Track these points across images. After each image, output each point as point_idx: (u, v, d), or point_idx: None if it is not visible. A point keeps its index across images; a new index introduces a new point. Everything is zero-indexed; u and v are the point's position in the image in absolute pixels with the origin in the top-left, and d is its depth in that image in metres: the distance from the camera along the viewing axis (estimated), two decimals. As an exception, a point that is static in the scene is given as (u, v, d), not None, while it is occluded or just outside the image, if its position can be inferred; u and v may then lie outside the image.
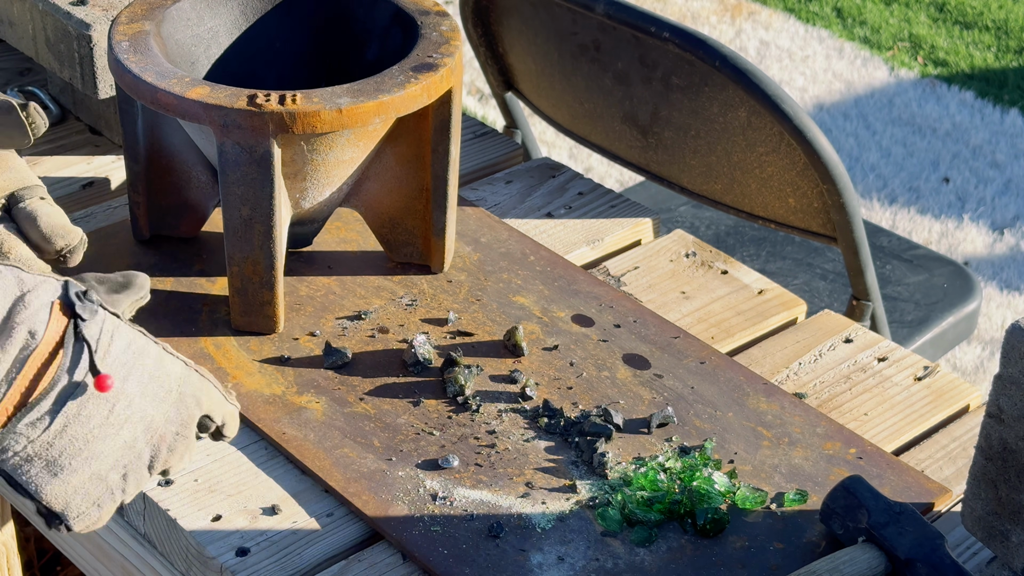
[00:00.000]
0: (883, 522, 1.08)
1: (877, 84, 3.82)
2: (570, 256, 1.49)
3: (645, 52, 1.67)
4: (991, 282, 3.03)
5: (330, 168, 1.28)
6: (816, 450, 1.22)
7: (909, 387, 1.32)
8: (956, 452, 1.26)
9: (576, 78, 1.81)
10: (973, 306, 2.00)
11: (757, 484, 1.18)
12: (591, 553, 1.11)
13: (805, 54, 3.95)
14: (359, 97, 1.22)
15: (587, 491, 1.16)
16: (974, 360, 2.80)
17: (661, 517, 1.14)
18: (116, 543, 1.23)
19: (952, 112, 3.67)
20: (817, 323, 1.41)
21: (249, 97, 1.20)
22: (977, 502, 1.09)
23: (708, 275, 1.47)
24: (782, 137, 1.61)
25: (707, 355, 1.33)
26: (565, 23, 1.74)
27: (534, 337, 1.34)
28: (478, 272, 1.42)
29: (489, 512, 1.14)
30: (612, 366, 1.31)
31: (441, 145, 1.33)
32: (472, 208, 1.52)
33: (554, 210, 1.57)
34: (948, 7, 4.18)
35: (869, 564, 1.07)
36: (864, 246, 1.69)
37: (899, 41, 4.02)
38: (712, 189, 1.77)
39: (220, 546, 1.11)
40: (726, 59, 1.59)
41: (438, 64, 1.27)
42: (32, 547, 1.95)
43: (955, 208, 3.28)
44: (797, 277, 2.03)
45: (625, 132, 1.81)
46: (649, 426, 1.23)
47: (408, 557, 1.11)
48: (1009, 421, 1.04)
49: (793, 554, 1.12)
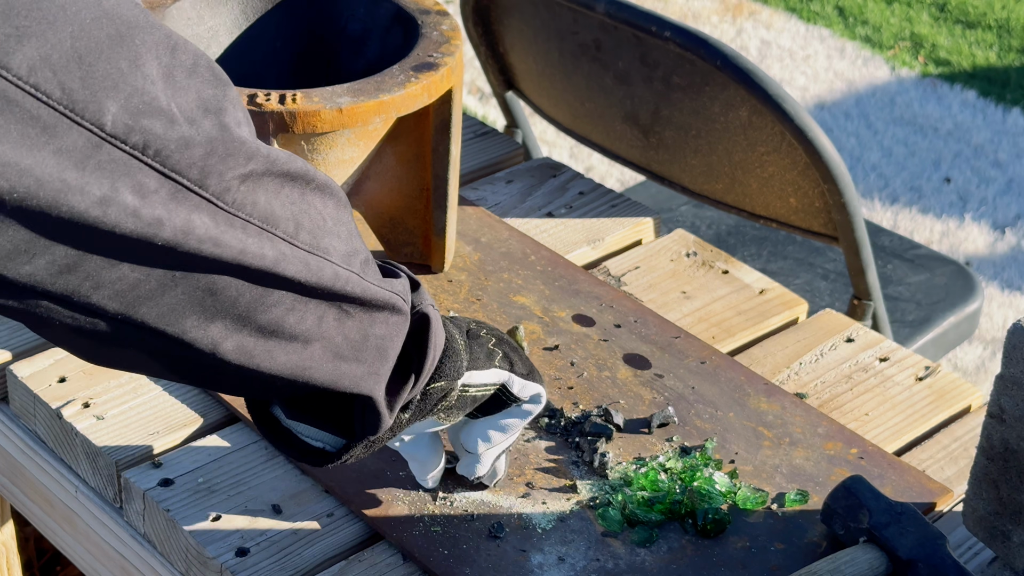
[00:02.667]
0: (884, 522, 1.08)
1: (878, 83, 3.82)
2: (571, 256, 1.49)
3: (646, 51, 1.67)
4: (993, 282, 3.03)
5: (330, 168, 1.28)
6: (817, 450, 1.22)
7: (910, 387, 1.32)
8: (957, 452, 1.25)
9: (577, 77, 1.81)
10: (975, 306, 2.00)
11: (758, 484, 1.18)
12: (592, 553, 1.11)
13: (806, 53, 3.95)
14: (359, 96, 1.22)
15: (588, 491, 1.16)
16: (975, 360, 2.80)
17: (662, 517, 1.14)
18: (115, 543, 1.22)
19: (954, 111, 3.67)
20: (818, 323, 1.41)
21: (249, 96, 1.20)
22: (978, 502, 1.09)
23: (709, 275, 1.47)
24: (783, 137, 1.61)
25: (708, 355, 1.33)
26: (566, 22, 1.74)
27: (535, 337, 1.34)
28: (479, 272, 1.42)
29: (489, 512, 1.14)
30: (613, 366, 1.30)
31: (442, 145, 1.33)
32: (473, 208, 1.52)
33: (555, 210, 1.57)
34: (950, 6, 4.18)
35: (870, 564, 1.07)
36: (865, 246, 1.69)
37: (900, 40, 4.02)
38: (713, 189, 1.76)
39: (220, 546, 1.10)
40: (727, 58, 1.59)
41: (439, 63, 1.27)
42: (32, 547, 1.95)
43: (957, 208, 3.28)
44: (798, 277, 2.03)
45: (626, 132, 1.80)
46: (650, 426, 1.23)
47: (408, 557, 1.11)
48: (1011, 421, 1.04)
49: (794, 554, 1.12)
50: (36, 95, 0.68)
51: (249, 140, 0.80)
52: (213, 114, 0.78)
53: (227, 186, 0.78)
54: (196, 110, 0.77)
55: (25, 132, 0.68)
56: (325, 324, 0.89)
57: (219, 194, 0.78)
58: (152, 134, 0.74)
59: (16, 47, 0.67)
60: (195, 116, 0.77)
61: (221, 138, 0.78)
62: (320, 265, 0.86)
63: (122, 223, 0.73)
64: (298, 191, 0.85)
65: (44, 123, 0.69)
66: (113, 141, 0.72)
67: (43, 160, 0.69)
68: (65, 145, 0.70)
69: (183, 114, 0.76)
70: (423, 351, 0.96)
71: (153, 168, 0.74)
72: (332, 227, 0.88)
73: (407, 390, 0.96)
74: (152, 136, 0.74)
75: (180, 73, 0.78)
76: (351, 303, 0.90)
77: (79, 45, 0.71)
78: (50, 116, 0.69)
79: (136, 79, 0.74)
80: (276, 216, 0.82)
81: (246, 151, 0.80)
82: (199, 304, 0.81)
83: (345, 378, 0.92)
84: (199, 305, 0.81)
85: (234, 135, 0.79)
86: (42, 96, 0.69)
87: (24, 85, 0.68)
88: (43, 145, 0.69)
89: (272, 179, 0.82)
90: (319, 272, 0.86)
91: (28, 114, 0.68)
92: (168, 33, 0.78)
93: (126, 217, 0.73)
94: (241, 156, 0.79)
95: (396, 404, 0.96)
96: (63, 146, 0.70)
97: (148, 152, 0.74)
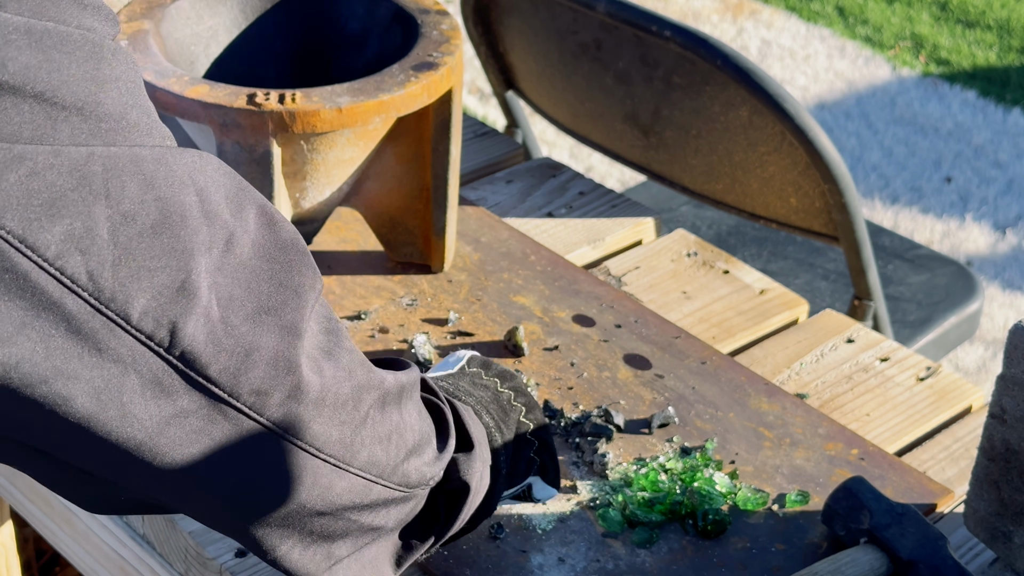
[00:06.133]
0: (885, 523, 1.08)
1: (879, 83, 3.81)
2: (571, 256, 1.49)
3: (646, 51, 1.67)
4: (993, 282, 3.03)
5: (330, 168, 1.28)
6: (818, 451, 1.22)
7: (911, 387, 1.32)
8: (958, 453, 1.25)
9: (577, 77, 1.81)
10: (975, 306, 1.99)
11: (759, 485, 1.18)
12: (592, 554, 1.10)
13: (807, 53, 3.95)
14: (359, 96, 1.21)
15: (588, 492, 1.16)
16: (976, 360, 2.79)
17: (662, 518, 1.13)
18: (115, 544, 1.22)
19: (954, 111, 3.67)
20: (819, 323, 1.41)
21: (248, 96, 1.20)
22: (979, 503, 1.09)
23: (709, 275, 1.47)
24: (784, 136, 1.61)
25: (708, 355, 1.32)
26: (566, 22, 1.74)
27: (535, 337, 1.33)
28: (478, 272, 1.42)
29: (489, 513, 1.13)
30: (613, 366, 1.30)
31: (441, 144, 1.32)
32: (472, 208, 1.52)
33: (555, 210, 1.57)
34: (950, 6, 4.17)
35: (871, 565, 1.07)
36: (866, 246, 1.68)
37: (901, 40, 4.02)
38: (713, 189, 1.76)
39: (219, 547, 1.10)
40: (727, 58, 1.58)
41: (438, 63, 1.27)
42: (31, 548, 1.95)
43: (957, 208, 3.28)
44: (799, 277, 2.03)
45: (626, 131, 1.80)
46: (650, 426, 1.23)
47: (408, 558, 1.11)
48: (1012, 422, 1.04)
49: (795, 555, 1.11)
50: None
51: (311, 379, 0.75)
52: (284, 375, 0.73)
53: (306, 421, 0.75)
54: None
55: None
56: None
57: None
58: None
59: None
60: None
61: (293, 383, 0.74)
62: (375, 489, 0.84)
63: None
64: (358, 409, 0.80)
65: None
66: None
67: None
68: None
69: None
70: (452, 517, 0.94)
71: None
72: (398, 438, 0.85)
73: (422, 549, 0.94)
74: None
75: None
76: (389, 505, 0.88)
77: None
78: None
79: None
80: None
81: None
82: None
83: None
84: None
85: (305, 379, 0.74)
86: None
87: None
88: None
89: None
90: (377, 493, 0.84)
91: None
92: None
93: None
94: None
95: (407, 559, 0.93)
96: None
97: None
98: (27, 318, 0.62)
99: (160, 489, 0.72)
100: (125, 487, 0.73)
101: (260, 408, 0.72)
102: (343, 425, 0.78)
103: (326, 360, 0.77)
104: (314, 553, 0.82)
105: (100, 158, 0.64)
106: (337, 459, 0.78)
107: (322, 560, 0.83)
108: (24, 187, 0.61)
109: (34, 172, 0.62)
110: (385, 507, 0.86)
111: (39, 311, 0.63)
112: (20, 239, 0.61)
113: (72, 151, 0.63)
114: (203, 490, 0.73)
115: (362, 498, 0.82)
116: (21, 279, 0.62)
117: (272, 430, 0.73)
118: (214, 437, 0.71)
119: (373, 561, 0.89)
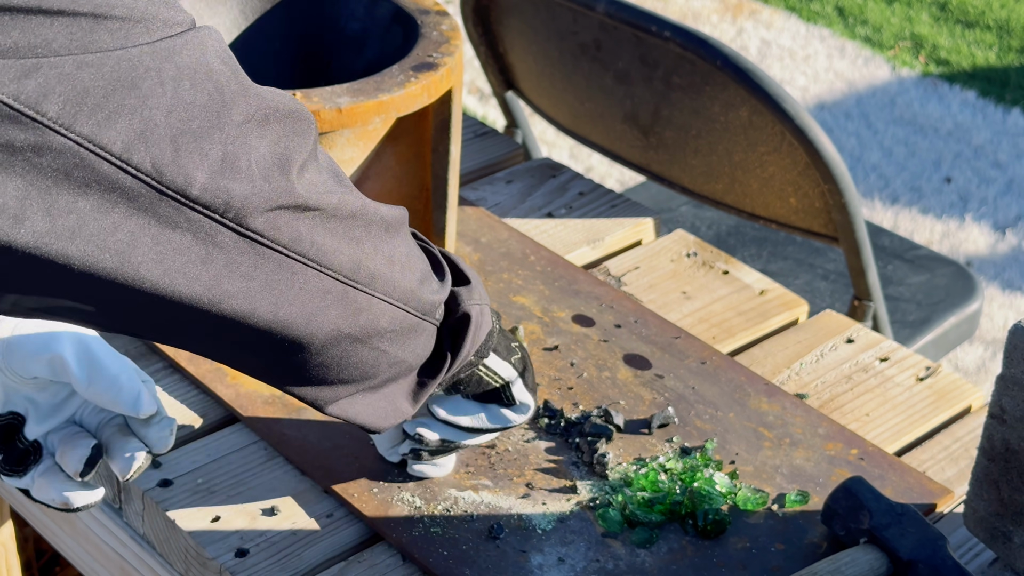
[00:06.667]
0: (885, 523, 1.08)
1: (879, 83, 3.81)
2: (571, 256, 1.49)
3: (646, 51, 1.67)
4: (993, 282, 3.03)
5: (330, 168, 1.28)
6: (818, 451, 1.22)
7: (911, 387, 1.32)
8: (958, 453, 1.25)
9: (577, 77, 1.81)
10: (975, 306, 2.00)
11: (758, 485, 1.18)
12: (592, 554, 1.10)
13: (806, 53, 3.95)
14: (359, 96, 1.21)
15: (588, 492, 1.16)
16: (976, 360, 2.79)
17: (662, 518, 1.13)
18: (115, 544, 1.22)
19: (954, 112, 3.67)
20: (819, 323, 1.41)
21: (248, 96, 1.20)
22: (979, 503, 1.09)
23: (709, 275, 1.47)
24: (783, 137, 1.61)
25: (708, 355, 1.32)
26: (566, 22, 1.74)
27: (534, 337, 1.33)
28: (478, 272, 1.42)
29: (489, 513, 1.13)
30: (613, 366, 1.30)
31: (441, 145, 1.32)
32: (472, 208, 1.52)
33: (555, 210, 1.57)
34: (950, 6, 4.17)
35: (871, 565, 1.07)
36: (866, 246, 1.68)
37: (901, 40, 4.02)
38: (713, 189, 1.76)
39: (219, 547, 1.10)
40: (727, 58, 1.58)
41: (438, 63, 1.27)
42: (31, 547, 1.95)
43: (957, 208, 3.28)
44: (798, 277, 2.03)
45: (626, 132, 1.80)
46: (650, 427, 1.23)
47: (408, 558, 1.11)
48: (1011, 422, 1.04)
49: (794, 555, 1.11)
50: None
51: (307, 187, 0.83)
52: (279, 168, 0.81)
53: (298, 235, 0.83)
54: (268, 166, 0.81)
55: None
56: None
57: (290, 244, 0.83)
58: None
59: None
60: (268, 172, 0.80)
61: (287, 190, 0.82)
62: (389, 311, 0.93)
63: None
64: (368, 231, 0.90)
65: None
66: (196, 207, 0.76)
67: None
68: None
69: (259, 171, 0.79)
70: (457, 348, 1.01)
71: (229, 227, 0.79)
72: (401, 266, 0.94)
73: (434, 384, 1.02)
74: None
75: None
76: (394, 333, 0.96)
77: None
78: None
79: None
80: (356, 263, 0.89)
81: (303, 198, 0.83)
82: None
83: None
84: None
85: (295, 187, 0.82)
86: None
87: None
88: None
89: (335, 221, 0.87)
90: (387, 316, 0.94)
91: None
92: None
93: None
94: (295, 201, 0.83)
95: (422, 396, 1.02)
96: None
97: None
98: (104, 206, 0.72)
99: (211, 336, 0.84)
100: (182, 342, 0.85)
101: (297, 247, 0.83)
102: (358, 244, 0.88)
103: (337, 186, 0.86)
104: (343, 385, 0.94)
105: (145, 55, 0.72)
106: (363, 284, 0.89)
107: (352, 389, 0.95)
108: (81, 89, 0.69)
109: (90, 71, 0.69)
110: (406, 337, 0.96)
111: (116, 200, 0.72)
112: (90, 140, 0.70)
113: (117, 54, 0.71)
114: (252, 324, 0.83)
115: (388, 324, 0.93)
116: (101, 177, 0.71)
117: (306, 263, 0.84)
118: (259, 278, 0.81)
119: (390, 396, 0.99)
